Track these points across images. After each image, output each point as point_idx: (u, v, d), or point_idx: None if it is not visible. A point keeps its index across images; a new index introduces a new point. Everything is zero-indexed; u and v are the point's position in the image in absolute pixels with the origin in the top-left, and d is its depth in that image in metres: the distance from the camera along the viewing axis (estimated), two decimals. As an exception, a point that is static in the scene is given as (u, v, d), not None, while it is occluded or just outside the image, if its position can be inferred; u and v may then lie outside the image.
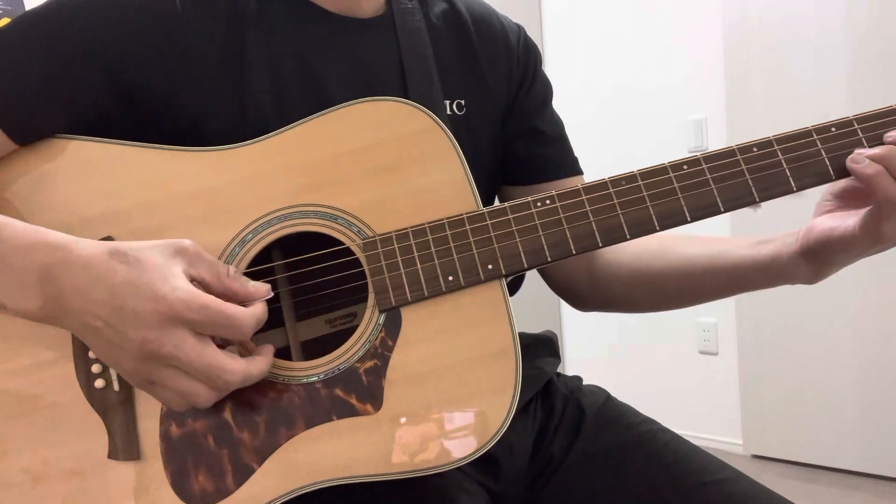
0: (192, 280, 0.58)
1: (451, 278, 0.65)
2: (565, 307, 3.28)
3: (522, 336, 0.88)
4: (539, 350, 0.89)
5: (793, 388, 2.59)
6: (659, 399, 2.25)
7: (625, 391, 0.94)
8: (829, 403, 2.53)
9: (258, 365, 0.59)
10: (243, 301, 0.60)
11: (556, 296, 0.92)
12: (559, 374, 0.89)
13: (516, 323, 0.64)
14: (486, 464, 0.77)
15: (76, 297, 0.56)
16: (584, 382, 0.90)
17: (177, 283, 0.56)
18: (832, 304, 2.45)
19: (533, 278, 0.91)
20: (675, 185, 0.66)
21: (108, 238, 0.65)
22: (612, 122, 2.85)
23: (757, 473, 0.77)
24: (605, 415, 0.83)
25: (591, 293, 0.87)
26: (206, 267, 0.59)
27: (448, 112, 0.79)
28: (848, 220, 0.65)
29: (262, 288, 0.61)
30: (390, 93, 0.70)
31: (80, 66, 0.67)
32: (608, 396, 0.87)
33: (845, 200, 0.68)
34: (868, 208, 0.63)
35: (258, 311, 0.59)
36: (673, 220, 0.66)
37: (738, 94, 2.55)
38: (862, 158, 0.63)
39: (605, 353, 3.09)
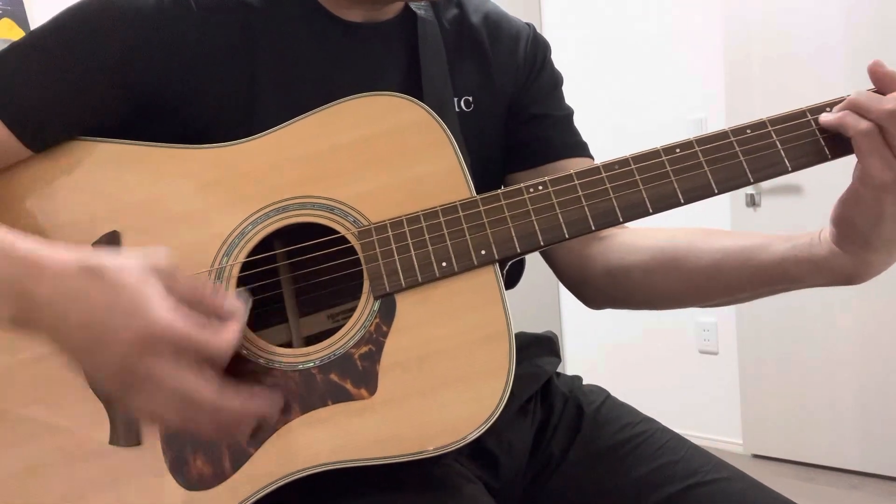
0: (169, 298, 0.56)
1: (444, 264, 0.65)
2: (565, 307, 3.30)
3: (523, 336, 0.88)
4: (539, 350, 0.89)
5: (793, 388, 2.60)
6: (659, 399, 2.25)
7: (624, 391, 0.94)
8: (829, 403, 2.53)
9: (231, 399, 0.56)
10: (219, 318, 0.58)
11: (556, 296, 0.92)
12: (559, 374, 0.89)
13: (515, 318, 0.65)
14: (485, 461, 0.77)
15: (49, 314, 0.55)
16: (584, 382, 0.90)
17: (154, 309, 0.54)
18: (832, 303, 2.45)
19: (533, 278, 0.91)
20: (668, 168, 0.67)
21: (114, 233, 0.67)
22: (612, 122, 2.85)
23: (757, 473, 0.77)
24: (605, 414, 0.83)
25: (609, 285, 0.83)
26: (184, 286, 0.58)
27: (456, 109, 0.81)
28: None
29: (237, 307, 0.59)
30: (407, 93, 0.71)
31: (96, 76, 0.69)
32: (608, 396, 0.87)
33: None
34: None
35: (233, 332, 0.57)
36: (666, 202, 0.66)
37: (738, 94, 2.56)
38: (828, 113, 0.65)
39: (605, 352, 3.10)
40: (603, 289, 0.84)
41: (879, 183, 0.62)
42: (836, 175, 0.73)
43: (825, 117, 0.65)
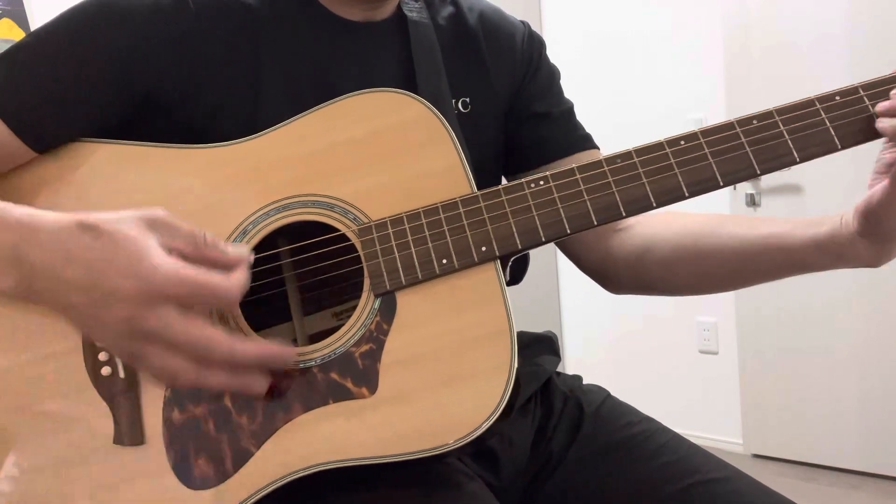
0: (171, 251, 0.55)
1: (444, 261, 0.65)
2: (565, 306, 3.30)
3: (523, 335, 0.88)
4: (539, 349, 0.89)
5: (793, 387, 2.59)
6: (659, 398, 2.25)
7: (624, 390, 0.94)
8: (829, 403, 2.53)
9: (245, 344, 0.56)
10: (224, 268, 0.57)
11: (555, 294, 0.92)
12: (559, 373, 0.89)
13: (514, 316, 0.64)
14: (485, 459, 0.77)
15: (48, 275, 0.54)
16: (584, 381, 0.90)
17: (156, 259, 0.53)
18: (833, 303, 2.45)
19: (533, 277, 0.90)
20: (672, 160, 0.65)
21: None
22: (612, 121, 2.85)
23: (757, 473, 0.76)
24: (605, 414, 0.83)
25: (630, 274, 0.84)
26: (183, 236, 0.57)
27: (454, 110, 0.81)
28: (883, 182, 0.63)
29: (241, 253, 0.59)
30: None
31: (96, 75, 0.69)
32: (608, 395, 0.87)
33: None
34: None
35: (241, 277, 0.57)
36: (670, 195, 0.65)
37: (738, 93, 2.55)
38: (882, 118, 0.62)
39: (605, 352, 3.10)
40: (625, 279, 0.85)
41: None
42: (837, 175, 0.73)
43: (881, 125, 0.62)
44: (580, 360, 3.15)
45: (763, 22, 2.49)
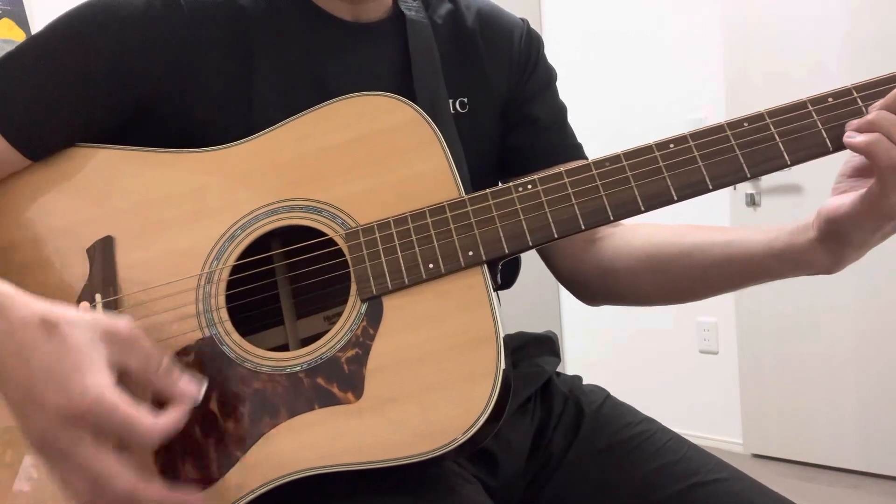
0: (118, 369, 0.55)
1: (431, 266, 0.64)
2: (565, 307, 3.30)
3: (523, 335, 0.88)
4: (539, 349, 0.88)
5: (793, 387, 2.59)
6: (659, 398, 2.25)
7: (624, 391, 0.94)
8: (828, 403, 2.53)
9: (148, 487, 0.55)
10: (168, 400, 0.57)
11: (556, 295, 0.91)
12: (559, 374, 0.89)
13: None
14: (484, 461, 0.77)
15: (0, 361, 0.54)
16: (584, 382, 0.90)
17: (90, 380, 0.53)
18: (832, 303, 2.44)
19: (533, 278, 0.90)
20: (661, 163, 0.65)
21: (108, 238, 0.67)
22: (612, 121, 2.85)
23: (757, 473, 0.77)
24: (605, 414, 0.83)
25: (601, 284, 0.84)
26: (137, 356, 0.57)
27: (451, 111, 0.80)
28: (854, 194, 0.62)
29: (189, 392, 0.58)
30: (399, 94, 0.71)
31: (92, 82, 0.70)
32: (608, 396, 0.86)
33: (859, 180, 0.64)
34: (873, 179, 0.60)
35: (171, 420, 0.55)
36: (658, 199, 0.64)
37: (738, 93, 2.55)
38: (853, 132, 0.61)
39: (605, 352, 3.09)
40: (597, 289, 0.85)
41: (890, 212, 0.60)
42: (837, 175, 0.72)
43: (849, 140, 0.61)
44: (580, 361, 3.15)
45: (763, 21, 2.49)
